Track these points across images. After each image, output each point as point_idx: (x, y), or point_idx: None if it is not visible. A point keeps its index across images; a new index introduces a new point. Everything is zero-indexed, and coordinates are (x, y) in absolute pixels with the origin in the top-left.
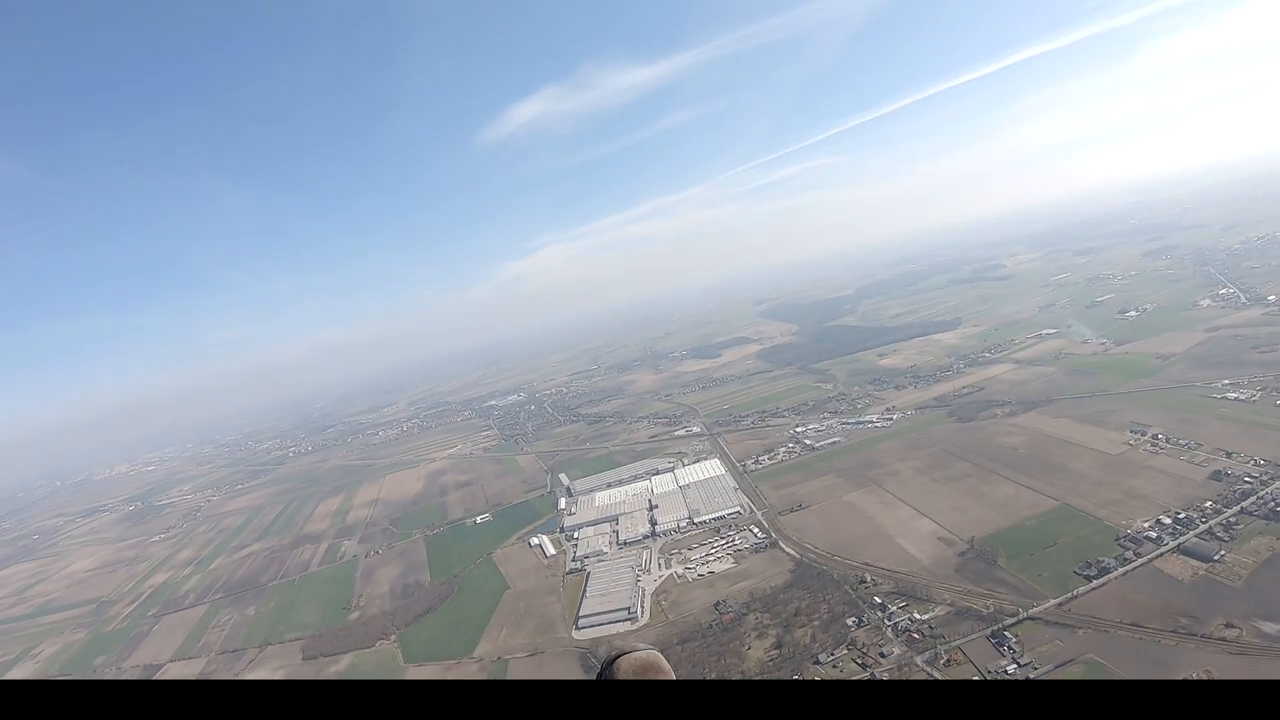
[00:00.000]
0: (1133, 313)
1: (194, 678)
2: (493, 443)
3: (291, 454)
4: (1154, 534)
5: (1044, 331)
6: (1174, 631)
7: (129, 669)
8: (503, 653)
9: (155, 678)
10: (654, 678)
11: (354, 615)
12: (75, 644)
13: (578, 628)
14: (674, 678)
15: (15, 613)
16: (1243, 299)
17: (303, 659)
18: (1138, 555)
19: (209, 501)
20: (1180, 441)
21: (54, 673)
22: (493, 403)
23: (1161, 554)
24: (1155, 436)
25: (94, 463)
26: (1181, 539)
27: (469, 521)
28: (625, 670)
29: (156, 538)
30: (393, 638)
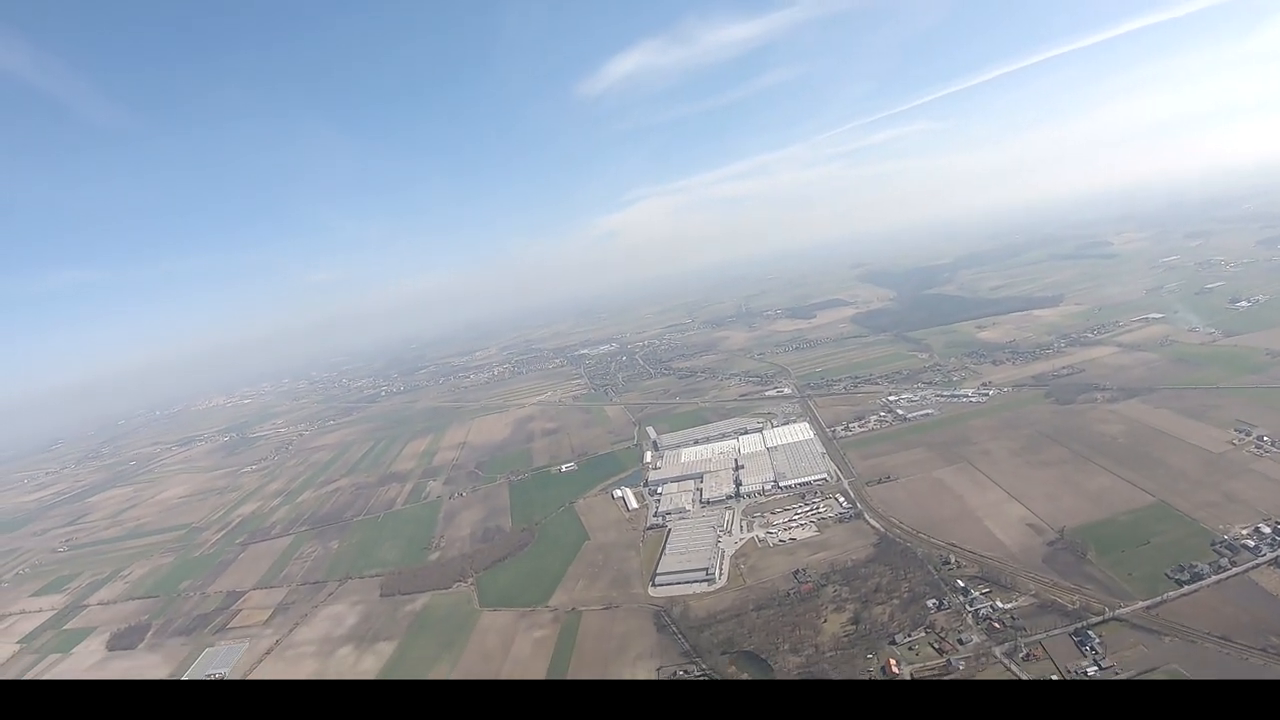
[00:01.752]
0: (1244, 303)
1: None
2: (582, 391)
3: (383, 393)
4: (1251, 542)
5: (1150, 315)
6: (1263, 650)
7: (213, 594)
8: (577, 604)
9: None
10: None
11: (434, 555)
12: (163, 567)
13: (654, 585)
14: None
15: (109, 534)
16: None
17: (381, 595)
18: (1233, 564)
19: (301, 436)
20: None
21: (141, 594)
22: (584, 351)
23: (1258, 565)
24: (1261, 438)
25: (192, 394)
26: None
27: (554, 470)
28: None
29: (248, 469)
30: (470, 581)
